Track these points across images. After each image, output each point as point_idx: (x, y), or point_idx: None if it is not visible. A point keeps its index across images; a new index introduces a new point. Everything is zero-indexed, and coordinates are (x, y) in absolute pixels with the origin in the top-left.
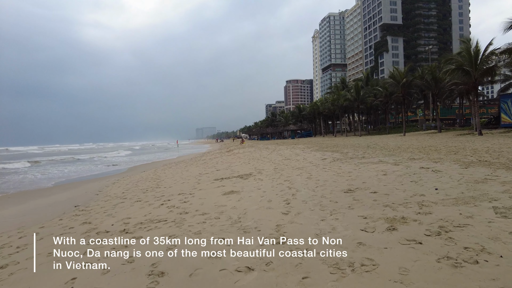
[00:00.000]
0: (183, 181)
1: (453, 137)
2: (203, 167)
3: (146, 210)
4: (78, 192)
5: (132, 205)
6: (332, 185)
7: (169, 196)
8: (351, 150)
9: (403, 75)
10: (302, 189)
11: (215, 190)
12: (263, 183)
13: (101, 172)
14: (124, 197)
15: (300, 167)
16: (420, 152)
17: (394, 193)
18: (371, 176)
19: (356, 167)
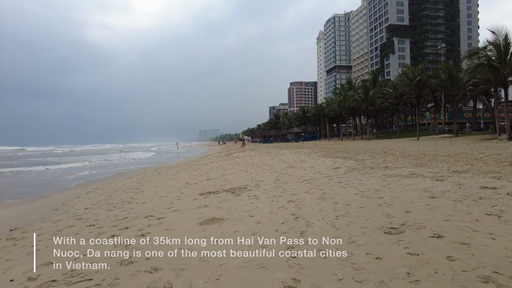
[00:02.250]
0: (162, 195)
1: (478, 142)
2: (194, 174)
3: (84, 248)
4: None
5: (78, 233)
6: (359, 214)
7: (131, 220)
8: (366, 156)
9: (416, 73)
10: (316, 222)
11: (192, 214)
12: (259, 204)
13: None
14: (81, 216)
15: (307, 179)
16: (457, 161)
17: (476, 240)
18: (413, 200)
19: (384, 182)
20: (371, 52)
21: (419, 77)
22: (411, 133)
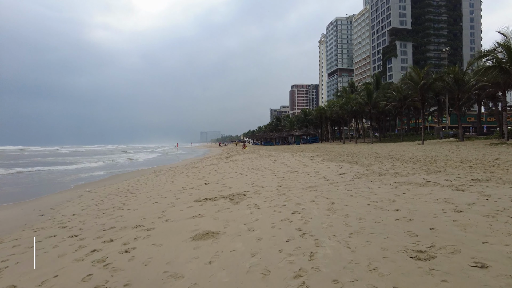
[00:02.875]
0: (155, 200)
1: (487, 147)
2: (192, 177)
3: (56, 266)
4: (26, 209)
5: (56, 246)
6: (376, 230)
7: (118, 231)
8: (373, 161)
9: (422, 76)
10: (326, 240)
11: (185, 225)
12: (260, 214)
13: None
14: (65, 224)
15: (312, 185)
16: (472, 168)
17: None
18: (435, 214)
19: (397, 191)
20: (373, 55)
21: (424, 80)
22: (415, 136)
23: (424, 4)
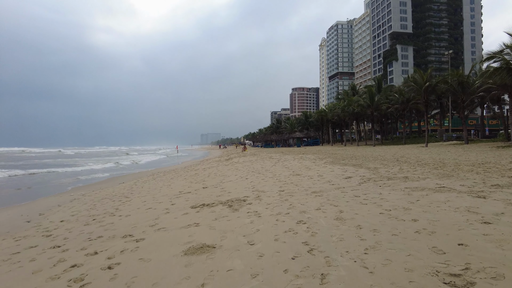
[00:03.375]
0: (150, 206)
1: (494, 150)
2: (190, 180)
3: (26, 286)
4: (14, 214)
5: (34, 259)
6: (395, 245)
7: (105, 241)
8: (378, 164)
9: (425, 78)
10: (339, 258)
11: (178, 236)
12: (261, 224)
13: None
14: (51, 232)
15: (317, 190)
16: (487, 172)
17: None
18: (460, 226)
19: (410, 198)
20: (374, 59)
21: (428, 82)
22: (417, 139)
23: (425, 8)
